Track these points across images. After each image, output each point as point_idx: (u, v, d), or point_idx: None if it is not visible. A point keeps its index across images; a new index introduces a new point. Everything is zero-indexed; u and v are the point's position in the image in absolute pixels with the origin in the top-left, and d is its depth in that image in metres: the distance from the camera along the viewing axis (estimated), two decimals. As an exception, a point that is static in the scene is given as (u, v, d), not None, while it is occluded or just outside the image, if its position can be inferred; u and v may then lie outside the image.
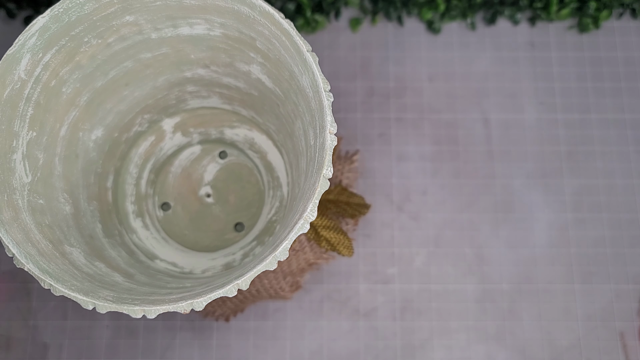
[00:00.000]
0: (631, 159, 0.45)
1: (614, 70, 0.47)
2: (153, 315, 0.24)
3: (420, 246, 0.44)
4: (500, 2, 0.47)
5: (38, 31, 0.27)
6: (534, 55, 0.47)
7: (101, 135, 0.36)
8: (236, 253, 0.39)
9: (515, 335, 0.42)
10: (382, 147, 0.45)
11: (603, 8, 0.46)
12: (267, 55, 0.30)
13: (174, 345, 0.42)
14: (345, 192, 0.40)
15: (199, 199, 0.40)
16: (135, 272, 0.33)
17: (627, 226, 0.44)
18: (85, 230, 0.33)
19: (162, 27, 0.31)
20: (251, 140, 0.41)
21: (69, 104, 0.31)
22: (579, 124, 0.46)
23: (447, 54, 0.47)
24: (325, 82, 0.25)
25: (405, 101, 0.46)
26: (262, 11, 0.26)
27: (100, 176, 0.37)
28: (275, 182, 0.40)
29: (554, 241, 0.44)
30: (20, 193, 0.28)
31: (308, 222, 0.24)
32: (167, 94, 0.38)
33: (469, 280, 0.43)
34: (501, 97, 0.46)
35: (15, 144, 0.28)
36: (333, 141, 0.25)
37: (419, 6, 0.47)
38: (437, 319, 0.42)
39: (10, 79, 0.27)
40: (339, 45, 0.47)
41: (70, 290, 0.24)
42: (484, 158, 0.45)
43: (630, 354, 0.42)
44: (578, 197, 0.45)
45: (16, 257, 0.25)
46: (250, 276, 0.23)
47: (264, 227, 0.39)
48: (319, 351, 0.42)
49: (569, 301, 0.43)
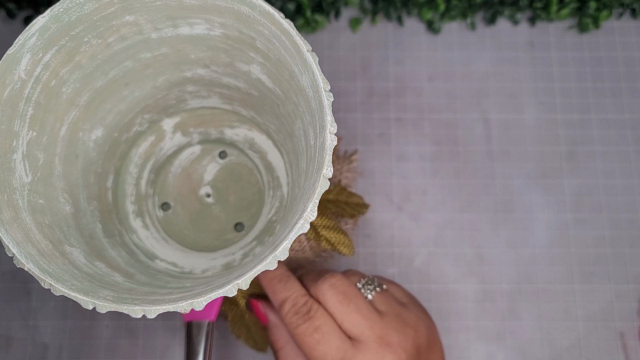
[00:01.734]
0: (631, 159, 0.45)
1: (614, 70, 0.47)
2: (153, 315, 0.24)
3: (420, 246, 0.44)
4: (500, 2, 0.47)
5: (38, 31, 0.27)
6: (534, 55, 0.47)
7: (101, 135, 0.36)
8: (236, 253, 0.39)
9: (515, 335, 0.42)
10: (382, 147, 0.45)
11: (603, 8, 0.46)
12: (267, 55, 0.30)
13: (174, 345, 0.42)
14: (345, 192, 0.40)
15: (199, 199, 0.40)
16: (135, 272, 0.33)
17: (627, 226, 0.44)
18: (85, 230, 0.33)
19: (162, 27, 0.31)
20: (251, 140, 0.41)
21: (69, 103, 0.31)
22: (579, 124, 0.46)
23: (447, 54, 0.47)
24: (325, 82, 0.25)
25: (405, 101, 0.46)
26: (262, 11, 0.26)
27: (100, 176, 0.37)
28: (275, 182, 0.40)
29: (554, 241, 0.44)
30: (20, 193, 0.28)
31: (308, 221, 0.24)
32: (167, 94, 0.38)
33: (469, 280, 0.43)
34: (501, 97, 0.46)
35: (15, 144, 0.28)
36: (333, 141, 0.25)
37: (419, 6, 0.47)
38: (437, 319, 0.42)
39: (10, 78, 0.27)
40: (339, 45, 0.47)
41: (70, 290, 0.24)
42: (484, 158, 0.45)
43: (630, 354, 0.42)
44: (578, 197, 0.45)
45: (16, 257, 0.25)
46: (250, 276, 0.23)
47: (264, 227, 0.39)
48: (319, 351, 0.42)
49: (569, 301, 0.43)
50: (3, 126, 0.27)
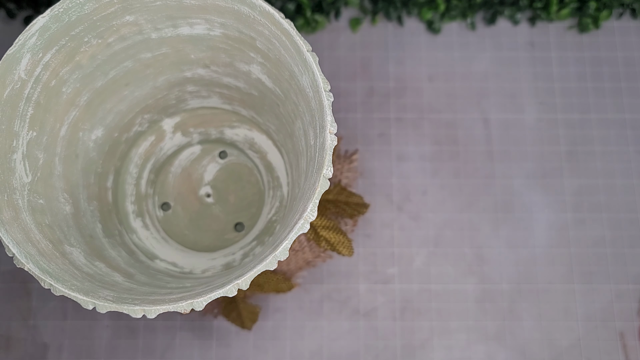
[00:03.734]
0: (631, 159, 0.45)
1: (614, 70, 0.47)
2: (153, 315, 0.24)
3: (420, 246, 0.44)
4: (500, 2, 0.47)
5: (38, 31, 0.27)
6: (534, 55, 0.47)
7: (101, 135, 0.36)
8: (236, 253, 0.39)
9: (515, 335, 0.42)
10: (382, 147, 0.45)
11: (603, 8, 0.46)
12: (267, 55, 0.30)
13: (174, 345, 0.42)
14: (345, 192, 0.40)
15: (199, 198, 0.40)
16: (135, 272, 0.33)
17: (627, 226, 0.44)
18: (85, 230, 0.33)
19: (162, 27, 0.31)
20: (251, 140, 0.41)
21: (69, 103, 0.31)
22: (579, 124, 0.46)
23: (447, 54, 0.47)
24: (325, 81, 0.25)
25: (405, 101, 0.46)
26: (262, 11, 0.26)
27: (100, 176, 0.37)
28: (275, 182, 0.40)
29: (554, 241, 0.44)
30: (21, 193, 0.28)
31: (308, 222, 0.24)
32: (167, 93, 0.38)
33: (469, 280, 0.43)
34: (501, 97, 0.46)
35: (16, 144, 0.28)
36: (333, 141, 0.25)
37: (419, 6, 0.47)
38: (437, 319, 0.42)
39: (10, 78, 0.27)
40: (339, 45, 0.47)
41: (70, 290, 0.24)
42: (484, 158, 0.45)
43: (630, 354, 0.42)
44: (578, 197, 0.45)
45: (16, 257, 0.25)
46: (251, 276, 0.23)
47: (264, 227, 0.39)
48: (319, 351, 0.42)
49: (569, 301, 0.43)
50: (3, 126, 0.27)
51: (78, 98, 0.32)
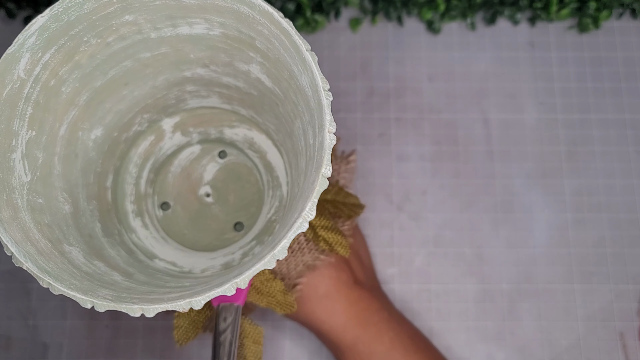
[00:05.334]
0: (631, 159, 0.45)
1: (614, 70, 0.47)
2: (152, 313, 0.24)
3: (419, 246, 0.44)
4: (500, 2, 0.47)
5: (37, 30, 0.27)
6: (534, 55, 0.47)
7: (100, 134, 0.36)
8: (235, 252, 0.39)
9: (515, 335, 0.42)
10: (382, 147, 0.45)
11: (603, 8, 0.46)
12: (267, 54, 0.30)
13: (174, 345, 0.42)
14: (342, 192, 0.40)
15: (198, 198, 0.40)
16: (135, 271, 0.33)
17: (627, 226, 0.44)
18: (85, 229, 0.33)
19: (161, 27, 0.31)
20: (250, 140, 0.41)
21: (68, 103, 0.31)
22: (579, 124, 0.46)
23: (447, 54, 0.47)
24: (324, 81, 0.25)
25: (405, 101, 0.46)
26: (262, 10, 0.26)
27: (99, 175, 0.37)
28: (274, 182, 0.40)
29: (554, 241, 0.44)
30: (20, 192, 0.28)
31: (307, 221, 0.24)
32: (167, 93, 0.38)
33: (469, 280, 0.43)
34: (501, 97, 0.46)
35: (15, 143, 0.28)
36: (332, 140, 0.25)
37: (419, 6, 0.47)
38: (437, 319, 0.42)
39: (9, 78, 0.27)
40: (339, 45, 0.47)
41: (68, 289, 0.24)
42: (484, 158, 0.45)
43: (630, 354, 0.42)
44: (578, 197, 0.44)
45: (15, 256, 0.25)
46: (249, 275, 0.23)
47: (263, 227, 0.39)
48: (319, 351, 0.42)
49: (569, 301, 0.43)
50: (2, 125, 0.27)
51: (77, 97, 0.32)
